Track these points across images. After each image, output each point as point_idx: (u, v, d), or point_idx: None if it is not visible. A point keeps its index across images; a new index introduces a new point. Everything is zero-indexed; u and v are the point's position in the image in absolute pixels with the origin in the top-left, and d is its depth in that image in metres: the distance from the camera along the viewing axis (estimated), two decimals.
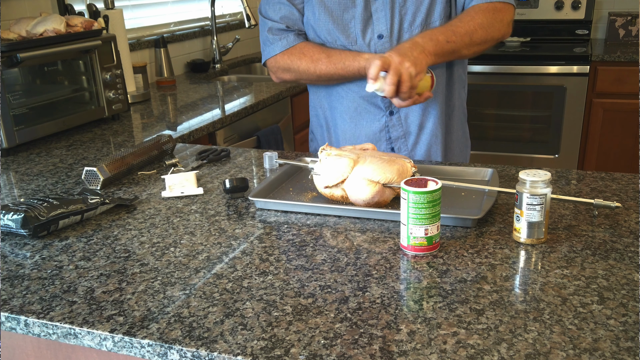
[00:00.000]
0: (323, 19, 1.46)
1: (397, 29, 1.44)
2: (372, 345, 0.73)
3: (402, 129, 1.52)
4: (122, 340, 0.77)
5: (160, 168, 1.44)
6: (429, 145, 1.53)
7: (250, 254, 0.98)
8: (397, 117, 1.51)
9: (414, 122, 1.51)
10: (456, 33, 1.35)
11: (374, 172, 1.10)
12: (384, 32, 1.44)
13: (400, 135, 1.52)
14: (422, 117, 1.51)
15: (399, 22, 1.43)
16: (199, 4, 3.09)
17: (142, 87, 2.37)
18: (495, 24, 1.39)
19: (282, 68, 1.50)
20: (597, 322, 0.76)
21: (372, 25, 1.44)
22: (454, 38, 1.34)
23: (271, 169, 1.40)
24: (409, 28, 1.43)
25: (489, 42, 1.40)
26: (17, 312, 0.84)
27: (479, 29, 1.37)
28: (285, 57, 1.49)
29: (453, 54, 1.37)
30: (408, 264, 0.93)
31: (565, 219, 1.07)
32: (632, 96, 3.14)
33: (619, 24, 3.49)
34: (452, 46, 1.34)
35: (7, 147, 1.61)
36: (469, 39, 1.36)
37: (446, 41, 1.33)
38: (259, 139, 2.26)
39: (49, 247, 1.04)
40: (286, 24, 1.49)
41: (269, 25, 1.51)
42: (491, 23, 1.38)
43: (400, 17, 1.43)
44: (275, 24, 1.50)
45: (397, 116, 1.51)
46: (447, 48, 1.34)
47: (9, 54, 1.60)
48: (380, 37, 1.45)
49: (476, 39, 1.37)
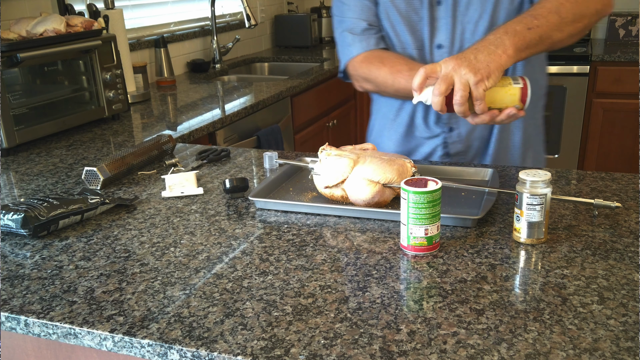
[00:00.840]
0: (393, 17, 1.32)
1: (458, 39, 1.29)
2: (372, 345, 0.73)
3: (463, 146, 1.37)
4: (122, 340, 0.77)
5: (160, 168, 1.44)
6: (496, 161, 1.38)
7: (250, 254, 0.98)
8: (458, 133, 1.35)
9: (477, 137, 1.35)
10: (537, 15, 1.10)
11: (374, 172, 1.10)
12: (444, 42, 1.30)
13: (460, 150, 1.39)
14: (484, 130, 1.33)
15: (461, 32, 1.28)
16: (199, 4, 3.09)
17: (142, 87, 2.37)
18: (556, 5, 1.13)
19: (362, 77, 1.35)
20: (597, 322, 0.76)
21: (436, 32, 1.30)
22: (536, 22, 1.09)
23: (271, 169, 1.40)
24: (471, 38, 1.27)
25: (586, 16, 1.14)
26: (17, 312, 0.84)
27: (565, 2, 1.12)
28: (364, 64, 1.33)
29: (541, 42, 1.11)
30: (408, 264, 0.93)
31: (565, 219, 1.07)
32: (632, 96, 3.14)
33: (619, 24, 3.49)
34: (537, 32, 1.09)
35: (7, 147, 1.61)
36: (556, 17, 1.10)
37: (527, 29, 1.09)
38: (259, 139, 2.26)
39: (49, 247, 1.04)
40: (366, 20, 1.34)
41: (348, 24, 1.35)
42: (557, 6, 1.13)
43: (462, 25, 1.28)
44: (354, 22, 1.35)
45: (457, 132, 1.35)
46: (530, 37, 1.09)
47: (9, 54, 1.60)
48: (439, 47, 1.31)
49: (567, 15, 1.11)
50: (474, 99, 1.05)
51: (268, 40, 3.68)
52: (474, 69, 1.04)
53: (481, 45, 1.08)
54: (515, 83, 1.08)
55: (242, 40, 3.35)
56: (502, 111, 1.08)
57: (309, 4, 4.05)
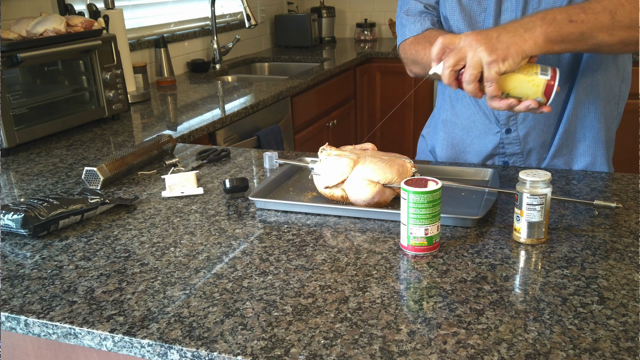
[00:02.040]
0: (452, 6, 1.25)
1: None
2: (372, 345, 0.73)
3: (520, 148, 1.31)
4: (122, 340, 0.77)
5: (160, 168, 1.44)
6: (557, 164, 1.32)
7: (250, 254, 0.98)
8: (516, 135, 1.29)
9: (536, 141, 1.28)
10: (587, 9, 0.98)
11: (374, 172, 1.10)
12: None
13: (517, 151, 1.33)
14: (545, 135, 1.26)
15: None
16: (199, 4, 3.09)
17: (142, 87, 2.37)
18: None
19: (410, 59, 1.29)
20: (597, 322, 0.76)
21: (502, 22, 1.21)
22: (583, 16, 0.97)
23: (271, 169, 1.40)
24: None
25: None
26: (17, 312, 0.84)
27: (626, 3, 0.98)
28: (413, 45, 1.27)
29: (582, 40, 1.00)
30: (408, 264, 0.93)
31: (565, 219, 1.07)
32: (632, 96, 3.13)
33: None
34: (579, 28, 0.98)
35: (7, 147, 1.61)
36: (609, 18, 0.97)
37: (569, 20, 0.97)
38: (259, 139, 2.26)
39: (49, 247, 1.04)
40: (424, 2, 1.29)
41: (407, 6, 1.31)
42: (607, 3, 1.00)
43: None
44: (412, 4, 1.30)
45: (516, 135, 1.29)
46: (568, 30, 0.97)
47: (9, 54, 1.60)
48: None
49: (622, 19, 0.98)
50: (485, 79, 0.98)
51: (268, 40, 3.68)
52: (491, 47, 0.96)
53: (511, 25, 1.00)
54: (543, 74, 0.99)
55: (242, 40, 3.35)
56: (521, 101, 1.01)
57: (309, 4, 4.05)
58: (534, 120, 1.29)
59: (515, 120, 1.30)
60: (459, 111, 1.36)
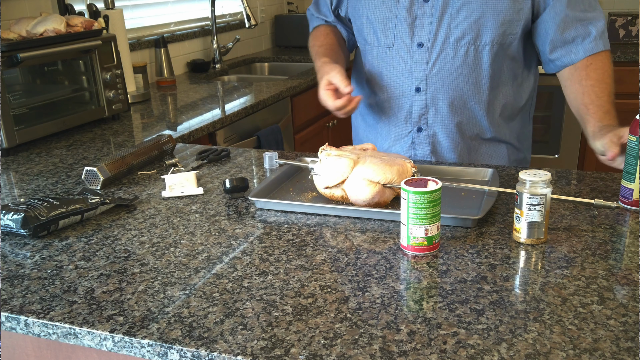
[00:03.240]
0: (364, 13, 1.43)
1: (440, 41, 1.35)
2: (372, 345, 0.73)
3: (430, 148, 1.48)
4: (122, 340, 0.77)
5: (160, 168, 1.44)
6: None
7: (250, 254, 0.98)
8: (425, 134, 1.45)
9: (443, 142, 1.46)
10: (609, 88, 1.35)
11: (374, 172, 1.10)
12: (425, 40, 1.36)
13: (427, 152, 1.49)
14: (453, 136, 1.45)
15: (445, 35, 1.34)
16: (199, 4, 3.09)
17: (142, 87, 2.37)
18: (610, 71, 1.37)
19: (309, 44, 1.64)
20: (597, 322, 0.76)
21: (415, 30, 1.37)
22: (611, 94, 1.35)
23: (271, 169, 1.40)
24: (455, 44, 1.35)
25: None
26: (17, 312, 0.84)
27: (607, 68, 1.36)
28: (311, 36, 1.65)
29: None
30: (408, 264, 0.93)
31: (565, 219, 1.07)
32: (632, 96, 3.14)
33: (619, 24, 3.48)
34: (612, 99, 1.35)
35: (7, 147, 1.61)
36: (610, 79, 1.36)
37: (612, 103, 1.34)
38: (259, 139, 2.26)
39: (49, 247, 1.04)
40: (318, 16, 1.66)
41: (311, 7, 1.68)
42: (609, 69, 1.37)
43: (448, 29, 1.34)
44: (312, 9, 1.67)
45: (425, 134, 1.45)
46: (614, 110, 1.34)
47: (9, 54, 1.60)
48: (419, 46, 1.37)
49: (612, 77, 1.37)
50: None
51: (268, 40, 3.68)
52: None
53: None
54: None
55: (242, 40, 3.35)
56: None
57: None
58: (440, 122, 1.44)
59: (426, 119, 1.44)
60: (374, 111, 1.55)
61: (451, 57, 1.36)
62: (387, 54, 1.43)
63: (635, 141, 1.06)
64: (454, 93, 1.39)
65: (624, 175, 1.09)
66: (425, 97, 1.41)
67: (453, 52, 1.35)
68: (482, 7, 1.31)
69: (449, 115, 1.42)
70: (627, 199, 1.10)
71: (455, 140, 1.45)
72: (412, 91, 1.42)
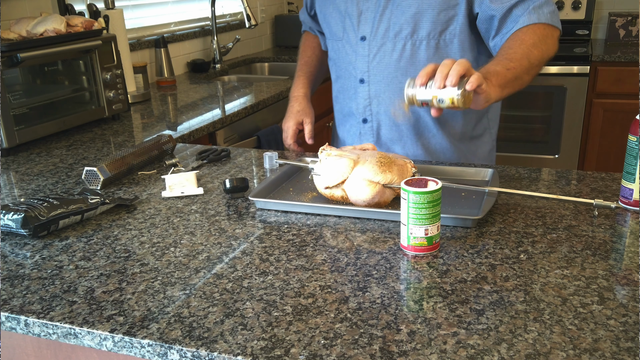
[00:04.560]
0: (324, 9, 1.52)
1: (381, 35, 1.41)
2: (372, 345, 0.73)
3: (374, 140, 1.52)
4: (122, 340, 0.77)
5: (161, 168, 1.44)
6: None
7: (250, 254, 0.98)
8: (370, 126, 1.50)
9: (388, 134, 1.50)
10: (512, 59, 1.23)
11: (374, 172, 1.10)
12: (368, 34, 1.42)
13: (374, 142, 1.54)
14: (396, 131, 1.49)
15: (385, 29, 1.40)
16: (199, 4, 3.09)
17: (143, 87, 2.37)
18: (547, 39, 1.29)
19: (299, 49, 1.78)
20: (597, 323, 0.76)
21: (360, 24, 1.44)
22: (512, 64, 1.22)
23: (271, 169, 1.40)
24: (394, 38, 1.39)
25: (545, 60, 1.29)
26: (17, 312, 0.84)
27: (533, 49, 1.26)
28: (301, 41, 1.78)
29: (515, 82, 1.23)
30: (408, 264, 0.93)
31: (565, 219, 1.07)
32: (632, 96, 3.14)
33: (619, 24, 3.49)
34: (513, 73, 1.22)
35: (7, 147, 1.61)
36: (527, 62, 1.24)
37: (506, 69, 1.20)
38: (259, 139, 2.26)
39: (49, 247, 1.04)
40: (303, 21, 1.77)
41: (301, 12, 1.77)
42: (543, 40, 1.28)
43: (388, 23, 1.39)
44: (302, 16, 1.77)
45: (370, 125, 1.50)
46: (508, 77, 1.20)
47: (9, 54, 1.60)
48: (363, 39, 1.44)
49: (534, 61, 1.26)
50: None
51: (268, 40, 3.68)
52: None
53: None
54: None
55: (242, 41, 3.35)
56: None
57: None
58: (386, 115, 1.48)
59: (370, 111, 1.49)
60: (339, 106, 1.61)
61: (390, 51, 1.41)
62: (339, 46, 1.51)
63: (635, 141, 1.06)
64: (394, 86, 1.43)
65: (624, 175, 1.09)
66: (368, 88, 1.46)
67: (392, 46, 1.40)
68: (419, 1, 1.36)
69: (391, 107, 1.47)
70: (627, 199, 1.10)
71: (399, 133, 1.48)
72: (357, 83, 1.48)
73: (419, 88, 1.12)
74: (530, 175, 1.30)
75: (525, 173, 1.31)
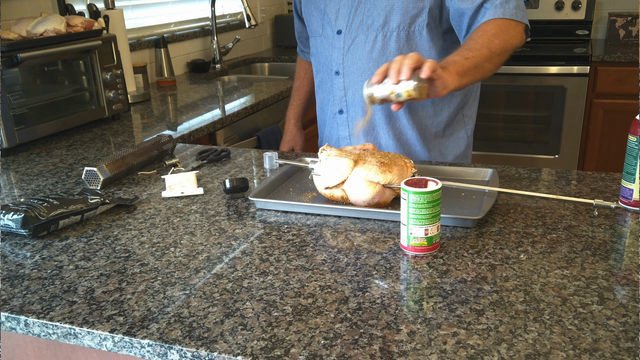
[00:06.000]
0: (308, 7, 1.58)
1: (355, 28, 1.45)
2: (372, 345, 0.73)
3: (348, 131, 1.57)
4: (122, 340, 0.77)
5: (161, 168, 1.44)
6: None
7: (250, 254, 0.98)
8: (345, 116, 1.55)
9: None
10: (472, 49, 1.26)
11: (374, 172, 1.10)
12: (343, 28, 1.48)
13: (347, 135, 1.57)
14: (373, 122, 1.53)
15: (359, 22, 1.45)
16: (199, 4, 3.09)
17: (143, 87, 2.37)
18: (510, 30, 1.31)
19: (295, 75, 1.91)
20: (597, 323, 0.76)
21: (337, 19, 1.49)
22: (471, 54, 1.24)
23: (271, 169, 1.40)
24: (366, 30, 1.44)
25: (508, 49, 1.31)
26: (17, 312, 0.84)
27: (494, 38, 1.28)
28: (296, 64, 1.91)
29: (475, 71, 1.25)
30: (408, 264, 0.93)
31: (565, 219, 1.07)
32: (632, 96, 3.14)
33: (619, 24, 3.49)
34: (472, 62, 1.23)
35: (7, 147, 1.61)
36: (487, 51, 1.26)
37: (464, 58, 1.22)
38: (259, 139, 2.26)
39: (49, 247, 1.04)
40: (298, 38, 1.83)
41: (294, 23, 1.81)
42: (505, 30, 1.30)
43: (362, 16, 1.44)
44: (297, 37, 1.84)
45: (345, 115, 1.55)
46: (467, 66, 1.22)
47: (9, 54, 1.60)
48: (339, 33, 1.48)
49: (495, 50, 1.27)
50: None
51: (268, 40, 3.68)
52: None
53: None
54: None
55: (242, 41, 3.35)
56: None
57: None
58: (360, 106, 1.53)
59: (345, 102, 1.54)
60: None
61: (362, 42, 1.45)
62: (318, 42, 1.57)
63: (635, 141, 1.06)
64: (367, 76, 1.45)
65: (624, 175, 1.09)
66: (343, 80, 1.51)
67: (364, 38, 1.45)
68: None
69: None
70: (627, 199, 1.10)
71: (372, 123, 1.52)
72: (332, 75, 1.53)
73: (375, 86, 1.15)
74: (530, 176, 1.30)
75: (525, 173, 1.31)
